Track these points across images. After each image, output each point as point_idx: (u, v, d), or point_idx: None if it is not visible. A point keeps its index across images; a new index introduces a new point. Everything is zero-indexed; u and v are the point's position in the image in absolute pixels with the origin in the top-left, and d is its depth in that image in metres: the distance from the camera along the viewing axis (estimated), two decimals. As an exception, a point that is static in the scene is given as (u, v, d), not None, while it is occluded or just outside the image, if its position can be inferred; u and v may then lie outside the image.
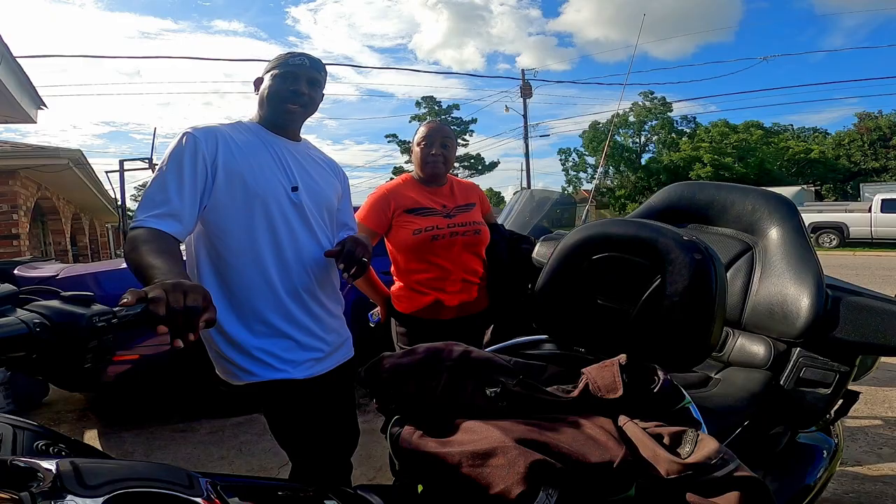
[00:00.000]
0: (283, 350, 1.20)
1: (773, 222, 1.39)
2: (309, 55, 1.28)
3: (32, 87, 4.71)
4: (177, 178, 1.10)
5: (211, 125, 1.21)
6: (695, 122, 31.24)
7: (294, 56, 1.26)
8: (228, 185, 1.15)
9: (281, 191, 1.21)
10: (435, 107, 30.23)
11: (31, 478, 0.50)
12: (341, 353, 1.34)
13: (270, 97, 1.26)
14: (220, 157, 1.15)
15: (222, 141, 1.17)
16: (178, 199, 1.09)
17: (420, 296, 1.73)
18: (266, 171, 1.20)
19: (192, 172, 1.11)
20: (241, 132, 1.24)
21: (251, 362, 1.18)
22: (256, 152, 1.21)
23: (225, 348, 1.19)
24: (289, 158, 1.26)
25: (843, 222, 14.70)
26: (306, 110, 1.28)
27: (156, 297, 0.72)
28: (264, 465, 2.42)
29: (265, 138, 1.26)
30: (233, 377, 1.20)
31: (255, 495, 0.69)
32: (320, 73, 1.29)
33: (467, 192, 1.86)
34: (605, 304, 1.03)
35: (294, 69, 1.24)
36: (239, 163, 1.17)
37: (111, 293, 2.26)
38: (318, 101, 1.32)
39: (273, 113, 1.27)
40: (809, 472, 1.25)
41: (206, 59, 59.05)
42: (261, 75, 1.30)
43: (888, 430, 2.60)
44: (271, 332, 1.19)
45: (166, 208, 1.07)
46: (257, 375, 1.18)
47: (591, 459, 0.71)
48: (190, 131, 1.15)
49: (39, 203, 7.77)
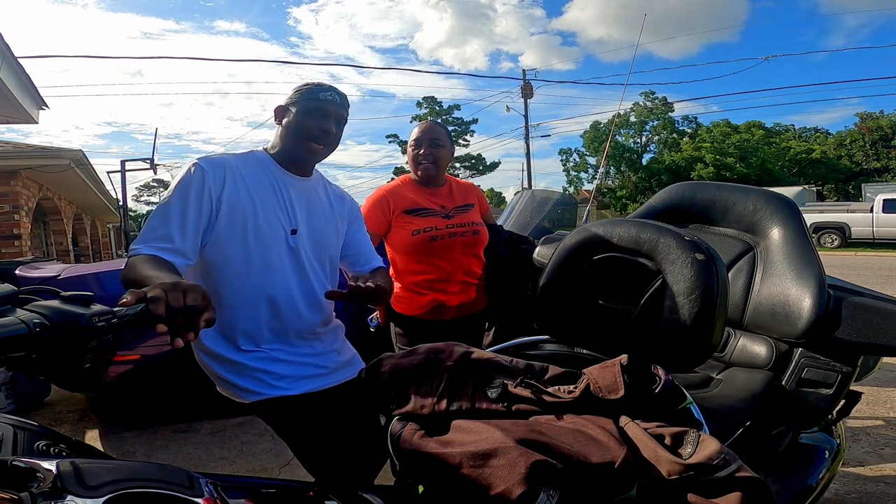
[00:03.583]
0: (278, 369, 1.19)
1: (775, 222, 1.39)
2: (338, 90, 1.22)
3: (34, 87, 4.72)
4: (180, 212, 1.08)
5: (221, 156, 1.18)
6: (696, 123, 31.25)
7: (324, 90, 1.20)
8: (230, 221, 1.13)
9: (280, 232, 1.19)
10: (436, 107, 30.24)
11: (32, 478, 0.50)
12: (347, 371, 1.31)
13: (296, 132, 1.20)
14: (226, 193, 1.13)
15: (230, 175, 1.15)
16: (179, 236, 1.07)
17: (419, 297, 1.73)
18: (269, 212, 1.18)
19: (196, 207, 1.09)
20: (251, 166, 1.20)
21: (250, 382, 1.18)
22: (262, 190, 1.18)
23: (224, 372, 1.18)
24: (294, 198, 1.23)
25: (844, 222, 14.68)
26: (328, 150, 1.23)
27: (155, 296, 0.72)
28: (265, 466, 2.42)
29: (275, 174, 1.22)
30: (237, 397, 1.20)
31: (256, 495, 0.68)
32: (347, 110, 1.24)
33: (466, 192, 1.86)
34: (606, 304, 1.03)
35: (325, 105, 1.19)
36: (243, 201, 1.15)
37: (112, 293, 2.26)
38: (339, 140, 1.26)
39: (294, 148, 1.22)
40: (811, 473, 1.25)
41: (208, 59, 59.31)
42: (284, 104, 1.23)
43: (890, 431, 2.59)
44: (266, 358, 1.19)
45: (167, 244, 1.05)
46: (260, 394, 1.17)
47: (592, 460, 0.71)
48: (199, 163, 1.13)
49: (41, 203, 7.79)
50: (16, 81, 4.36)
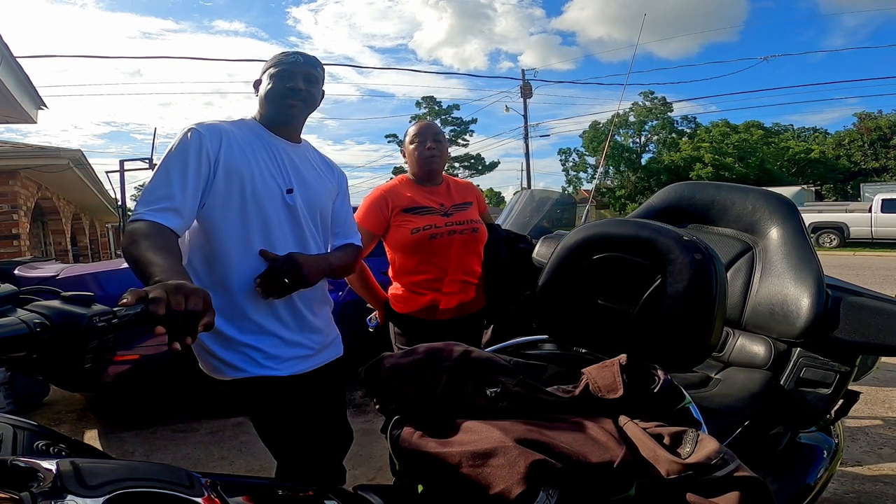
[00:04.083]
0: (268, 346, 1.20)
1: (774, 222, 1.39)
2: (303, 53, 1.30)
3: (33, 87, 4.71)
4: (181, 173, 1.11)
5: (214, 121, 1.22)
6: (695, 123, 31.23)
7: (288, 55, 1.28)
8: (227, 182, 1.16)
9: (277, 192, 1.22)
10: (435, 107, 30.22)
11: (32, 478, 0.50)
12: (329, 352, 1.34)
13: (269, 96, 1.27)
14: (223, 154, 1.16)
15: (225, 138, 1.18)
16: (181, 194, 1.09)
17: (417, 296, 1.73)
18: (264, 171, 1.21)
19: (196, 168, 1.12)
20: (243, 130, 1.25)
21: (236, 357, 1.18)
22: (256, 151, 1.22)
23: (210, 343, 1.18)
24: (286, 160, 1.27)
25: (843, 222, 14.70)
26: (306, 105, 1.29)
27: (156, 297, 0.72)
28: (264, 465, 2.42)
29: (265, 138, 1.26)
30: (217, 373, 1.20)
31: (255, 495, 0.68)
32: (316, 69, 1.30)
33: (464, 191, 1.86)
34: (605, 304, 1.03)
35: (290, 66, 1.26)
36: (239, 161, 1.18)
37: (111, 293, 2.26)
38: (318, 97, 1.33)
39: (274, 111, 1.28)
40: (810, 472, 1.25)
41: (207, 59, 59.26)
42: (259, 77, 1.31)
43: (888, 430, 2.60)
44: (257, 329, 1.19)
45: (168, 203, 1.07)
46: (243, 371, 1.17)
47: (591, 459, 0.71)
48: (195, 127, 1.16)
49: (40, 203, 7.78)
50: (14, 81, 4.35)
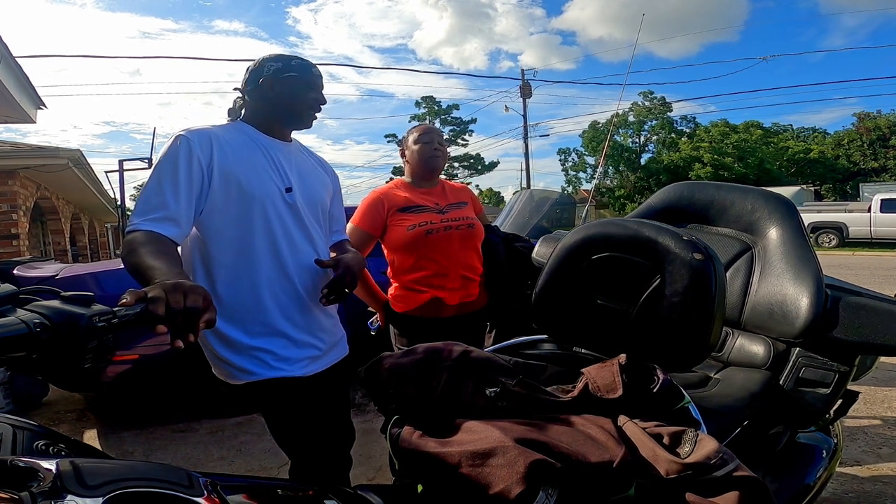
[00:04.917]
0: (279, 348, 1.20)
1: (773, 222, 1.39)
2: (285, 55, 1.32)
3: (32, 86, 4.71)
4: (172, 181, 1.09)
5: (203, 127, 1.20)
6: (695, 122, 31.24)
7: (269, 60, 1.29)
8: (224, 187, 1.15)
9: (276, 192, 1.21)
10: (435, 107, 30.20)
11: (31, 478, 0.50)
12: (337, 352, 1.35)
13: (267, 97, 1.27)
14: (217, 160, 1.15)
15: (216, 142, 1.17)
16: (174, 202, 1.08)
17: (417, 294, 1.73)
18: (261, 173, 1.20)
19: (187, 175, 1.10)
20: (234, 133, 1.24)
21: (248, 361, 1.18)
22: (250, 153, 1.21)
23: (221, 349, 1.19)
24: (281, 159, 1.26)
25: (842, 222, 14.71)
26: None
27: (155, 296, 0.72)
28: (264, 465, 2.42)
29: (257, 139, 1.26)
30: (231, 377, 1.20)
31: (255, 495, 0.69)
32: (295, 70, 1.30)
33: (458, 192, 1.90)
34: (604, 304, 1.03)
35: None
36: (233, 164, 1.17)
37: (111, 293, 2.26)
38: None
39: (269, 113, 1.28)
40: (809, 472, 1.25)
41: (206, 59, 58.88)
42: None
43: (887, 430, 2.60)
44: (267, 332, 1.20)
45: (163, 212, 1.06)
46: (255, 374, 1.18)
47: (590, 459, 0.71)
48: (183, 133, 1.14)
49: (39, 203, 7.77)
50: (14, 81, 4.35)
